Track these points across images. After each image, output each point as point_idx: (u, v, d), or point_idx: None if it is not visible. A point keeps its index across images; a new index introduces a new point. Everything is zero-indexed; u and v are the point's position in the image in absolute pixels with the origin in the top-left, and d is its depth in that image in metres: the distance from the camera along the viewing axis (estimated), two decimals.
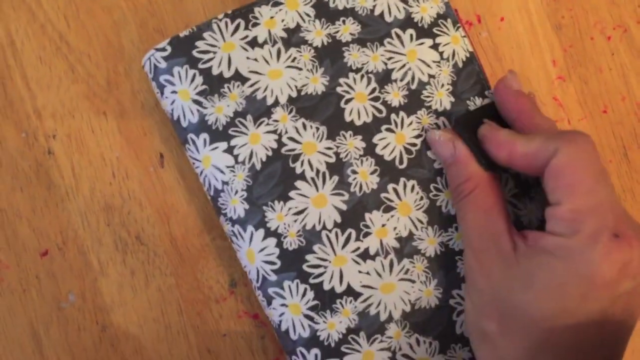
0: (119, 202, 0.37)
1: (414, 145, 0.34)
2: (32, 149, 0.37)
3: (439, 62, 0.35)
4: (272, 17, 0.34)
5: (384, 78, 0.35)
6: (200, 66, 0.33)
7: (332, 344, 0.33)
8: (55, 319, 0.36)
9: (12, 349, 0.36)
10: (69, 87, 0.37)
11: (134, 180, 0.37)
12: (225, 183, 0.33)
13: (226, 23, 0.34)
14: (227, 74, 0.33)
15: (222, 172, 0.33)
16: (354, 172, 0.34)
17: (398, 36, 0.35)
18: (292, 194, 0.33)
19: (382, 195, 0.34)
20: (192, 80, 0.33)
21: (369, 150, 0.34)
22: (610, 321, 0.28)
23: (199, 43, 0.33)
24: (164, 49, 0.33)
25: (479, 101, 0.35)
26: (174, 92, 0.33)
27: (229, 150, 0.33)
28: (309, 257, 0.33)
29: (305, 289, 0.33)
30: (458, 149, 0.33)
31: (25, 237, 0.37)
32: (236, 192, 0.33)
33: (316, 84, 0.34)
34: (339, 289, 0.33)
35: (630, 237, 0.28)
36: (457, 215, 0.33)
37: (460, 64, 0.35)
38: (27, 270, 0.36)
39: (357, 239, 0.33)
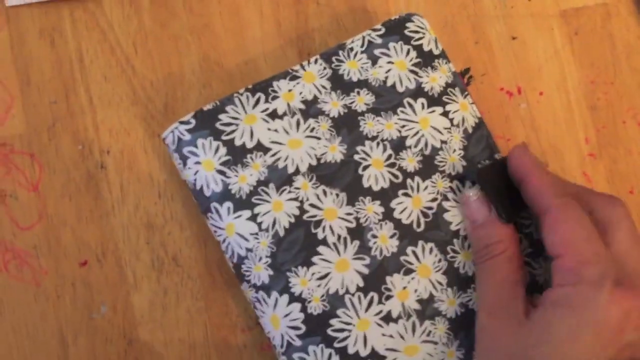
0: (161, 221, 0.38)
1: (430, 208, 0.36)
2: (85, 160, 0.39)
3: (449, 128, 0.37)
4: (290, 90, 0.36)
5: (399, 145, 0.36)
6: (224, 138, 0.35)
7: None
8: (85, 328, 0.37)
9: (39, 353, 0.37)
10: (128, 108, 0.39)
11: (178, 203, 0.39)
12: (249, 250, 0.34)
13: (247, 97, 0.36)
14: (249, 145, 0.35)
15: (246, 239, 0.34)
16: (374, 236, 0.35)
17: (410, 105, 0.37)
18: (315, 259, 0.34)
19: (402, 258, 0.35)
20: (216, 151, 0.34)
21: (388, 214, 0.35)
22: None
23: (222, 116, 0.35)
24: (188, 122, 0.35)
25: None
26: (197, 162, 0.35)
27: (253, 217, 0.34)
28: (333, 321, 0.34)
29: (330, 354, 0.33)
30: (489, 210, 0.34)
31: (68, 244, 0.38)
32: (260, 258, 0.34)
33: (334, 152, 0.35)
34: (364, 353, 0.34)
35: (632, 287, 0.29)
36: (479, 274, 0.34)
37: (470, 130, 0.37)
38: (65, 277, 0.38)
39: (380, 302, 0.34)
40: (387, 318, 0.34)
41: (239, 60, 0.41)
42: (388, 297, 0.34)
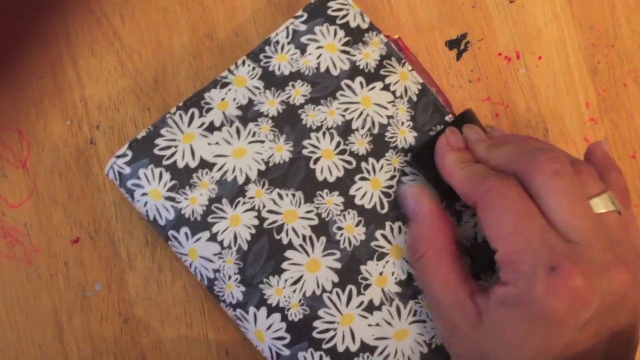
0: None
1: (390, 187, 0.35)
2: (75, 137, 0.38)
3: (393, 101, 0.36)
4: (223, 99, 0.35)
5: (346, 130, 0.35)
6: (165, 163, 0.33)
7: None
8: (79, 307, 0.37)
9: (34, 333, 0.36)
10: (117, 81, 0.38)
11: None
12: (216, 271, 0.33)
13: (180, 115, 0.34)
14: (192, 164, 0.33)
15: (210, 260, 0.33)
16: (340, 228, 0.34)
17: (348, 86, 0.35)
18: (284, 265, 0.33)
19: (372, 244, 0.34)
20: (160, 178, 0.33)
21: (349, 203, 0.34)
22: (580, 352, 0.27)
23: (158, 141, 0.33)
24: (124, 155, 0.33)
25: (441, 129, 0.35)
26: (144, 194, 0.33)
27: (213, 237, 0.33)
28: (316, 323, 0.33)
29: (321, 356, 0.33)
30: (423, 205, 0.33)
31: (59, 222, 0.37)
32: (229, 277, 0.33)
33: (281, 152, 0.34)
34: (354, 348, 0.33)
35: (567, 267, 0.27)
36: (417, 277, 0.33)
37: (414, 98, 0.36)
38: (57, 255, 0.37)
39: (359, 293, 0.33)
40: (370, 307, 0.33)
41: (229, 31, 0.40)
42: (366, 287, 0.33)
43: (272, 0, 0.40)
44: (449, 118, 0.36)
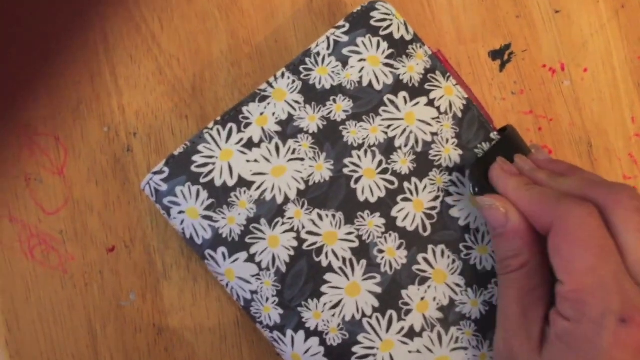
0: None
1: (434, 208, 0.34)
2: (112, 144, 0.37)
3: (438, 117, 0.34)
4: (262, 114, 0.33)
5: (388, 148, 0.34)
6: (202, 180, 0.32)
7: None
8: (114, 317, 0.36)
9: (67, 342, 0.36)
10: (155, 88, 0.38)
11: None
12: (254, 292, 0.32)
13: (218, 130, 0.33)
14: (230, 183, 0.33)
15: (248, 282, 0.32)
16: (381, 251, 0.33)
17: (392, 102, 0.34)
18: (324, 288, 0.32)
19: (414, 267, 0.33)
20: (197, 196, 0.32)
21: (390, 225, 0.33)
22: None
23: (195, 157, 0.33)
24: (161, 171, 0.33)
25: (487, 146, 0.35)
26: (181, 212, 0.32)
27: (251, 259, 0.32)
28: (355, 349, 0.32)
29: None
30: (511, 220, 0.30)
31: (94, 231, 0.37)
32: (267, 299, 0.32)
33: (322, 170, 0.33)
34: None
35: (639, 321, 0.25)
36: (499, 287, 0.31)
37: (459, 114, 0.35)
38: (92, 264, 0.36)
39: (400, 318, 0.32)
40: (411, 333, 0.32)
41: (269, 37, 0.39)
42: (407, 312, 0.32)
43: (313, 6, 0.39)
44: (494, 135, 0.35)
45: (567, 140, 0.40)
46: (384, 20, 0.35)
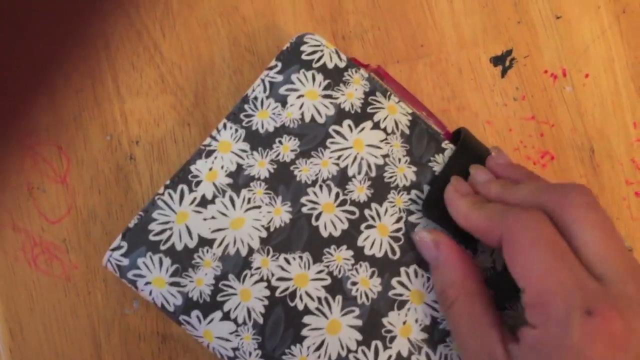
0: None
1: (399, 230, 0.33)
2: (114, 152, 0.37)
3: (386, 138, 0.34)
4: (210, 169, 0.33)
5: (342, 179, 0.33)
6: (163, 247, 0.32)
7: None
8: (117, 325, 0.36)
9: (71, 350, 0.36)
10: (157, 96, 0.38)
11: None
12: (235, 349, 0.32)
13: (170, 194, 0.33)
14: (191, 244, 0.32)
15: (228, 340, 0.32)
16: (354, 283, 0.32)
17: (337, 132, 0.34)
18: (304, 331, 0.32)
19: (390, 293, 0.33)
20: (161, 264, 0.32)
21: (359, 255, 0.33)
22: None
23: (152, 226, 0.32)
24: (120, 247, 0.32)
25: (440, 158, 0.34)
26: (147, 283, 0.32)
27: (226, 316, 0.32)
28: None
29: None
30: (440, 252, 0.31)
31: (97, 239, 0.37)
32: (250, 353, 0.32)
33: (281, 214, 0.33)
34: None
35: (604, 310, 0.25)
36: (449, 325, 0.31)
37: (407, 131, 0.34)
38: (95, 272, 0.36)
39: (385, 347, 0.32)
40: None
41: (271, 44, 0.39)
42: (392, 339, 0.32)
43: (314, 14, 0.39)
44: (445, 144, 0.35)
45: (569, 146, 0.40)
46: (314, 52, 0.35)
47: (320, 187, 0.33)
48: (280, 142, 0.34)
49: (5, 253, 0.36)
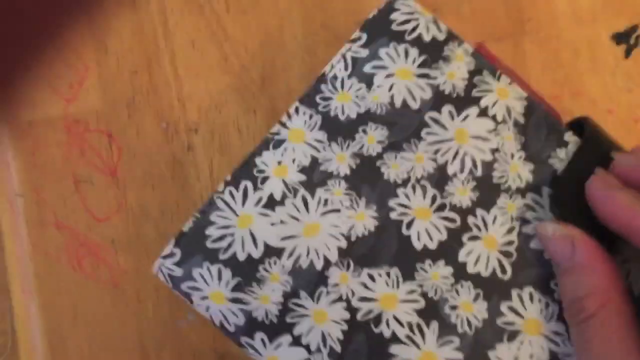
0: None
1: (511, 243, 0.28)
2: (170, 142, 0.33)
3: (495, 129, 0.28)
4: (280, 163, 0.28)
5: (441, 178, 0.28)
6: (222, 257, 0.27)
7: None
8: (170, 339, 0.32)
9: None
10: (219, 78, 0.33)
11: None
12: None
13: (231, 193, 0.28)
14: (256, 254, 0.27)
15: None
16: (454, 307, 0.27)
17: (435, 120, 0.28)
18: None
19: (499, 321, 0.27)
20: (220, 277, 0.27)
21: (460, 273, 0.27)
22: None
23: (210, 231, 0.27)
24: (172, 254, 0.27)
25: (563, 153, 0.28)
26: (204, 297, 0.27)
27: (296, 341, 0.27)
28: None
29: None
30: (579, 250, 0.26)
31: (150, 241, 0.32)
32: None
33: (364, 220, 0.28)
34: None
35: None
36: (576, 340, 0.26)
37: (521, 119, 0.29)
38: (147, 279, 0.32)
39: None
40: None
41: (350, 21, 0.34)
42: None
43: None
44: (569, 136, 0.29)
45: None
46: (407, 21, 0.29)
47: (413, 187, 0.28)
48: (364, 131, 0.28)
49: (47, 254, 0.32)
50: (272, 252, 0.27)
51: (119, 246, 0.32)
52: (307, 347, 0.27)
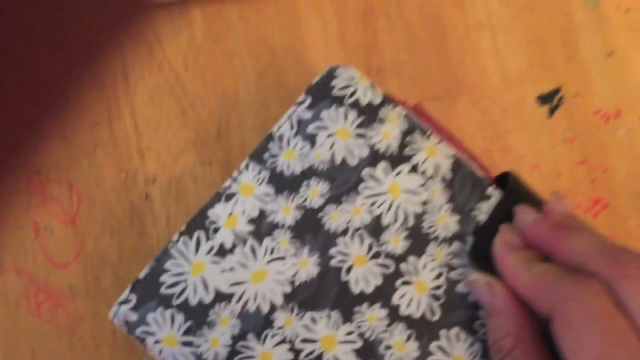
0: None
1: (439, 287, 0.30)
2: (129, 191, 0.34)
3: (425, 183, 0.31)
4: (230, 214, 0.30)
5: (376, 228, 0.30)
6: (175, 302, 0.29)
7: None
8: None
9: None
10: (177, 131, 0.35)
11: None
12: None
13: (185, 242, 0.29)
14: (207, 299, 0.29)
15: None
16: (388, 347, 0.29)
17: (371, 176, 0.31)
18: None
19: (429, 359, 0.29)
20: (172, 321, 0.29)
21: (394, 315, 0.29)
22: None
23: (164, 277, 0.29)
24: (128, 300, 0.29)
25: (485, 205, 0.31)
26: (157, 341, 0.29)
27: None
28: None
29: None
30: (497, 295, 0.28)
31: (108, 286, 0.34)
32: None
33: (307, 267, 0.30)
34: None
35: None
36: None
37: (448, 175, 0.31)
38: (104, 323, 0.33)
39: None
40: None
41: (300, 78, 0.36)
42: None
43: (347, 46, 0.37)
44: (491, 190, 0.31)
45: (623, 192, 0.37)
46: (347, 86, 0.31)
47: (352, 236, 0.30)
48: (307, 185, 0.31)
49: (6, 299, 0.33)
50: (222, 297, 0.29)
51: (77, 292, 0.34)
52: None
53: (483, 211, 0.31)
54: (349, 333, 0.29)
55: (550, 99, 0.37)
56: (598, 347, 0.24)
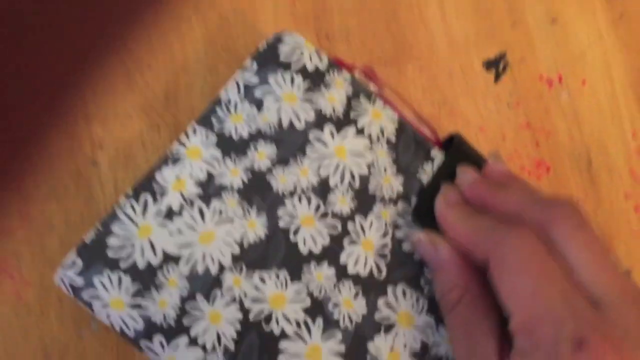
0: None
1: (385, 246, 0.31)
2: (75, 157, 0.34)
3: (370, 146, 0.32)
4: (178, 177, 0.30)
5: (323, 189, 0.31)
6: (123, 265, 0.28)
7: None
8: (73, 349, 0.32)
9: None
10: (124, 96, 0.34)
11: None
12: None
13: (131, 205, 0.29)
14: (155, 261, 0.29)
15: None
16: (336, 304, 0.30)
17: (318, 139, 0.31)
18: (281, 359, 0.29)
19: (376, 315, 0.30)
20: (120, 284, 0.28)
21: (341, 273, 0.30)
22: None
23: (110, 241, 0.29)
24: (73, 264, 0.28)
25: (428, 167, 0.32)
26: (105, 305, 0.28)
27: (193, 342, 0.28)
28: None
29: None
30: (441, 251, 0.29)
31: (53, 253, 0.33)
32: None
33: (255, 228, 0.30)
34: None
35: (597, 341, 0.23)
36: (448, 328, 0.29)
37: (393, 138, 0.32)
38: (49, 290, 0.33)
39: None
40: None
41: (249, 43, 0.36)
42: None
43: (296, 12, 0.37)
44: (434, 152, 0.32)
45: (566, 156, 0.38)
46: (293, 53, 0.32)
47: (299, 198, 0.31)
48: (255, 148, 0.31)
49: None
50: (170, 259, 0.29)
51: (23, 260, 0.33)
52: (204, 347, 0.28)
53: (427, 172, 0.32)
54: (298, 292, 0.29)
55: (495, 64, 0.38)
56: (530, 288, 0.24)
